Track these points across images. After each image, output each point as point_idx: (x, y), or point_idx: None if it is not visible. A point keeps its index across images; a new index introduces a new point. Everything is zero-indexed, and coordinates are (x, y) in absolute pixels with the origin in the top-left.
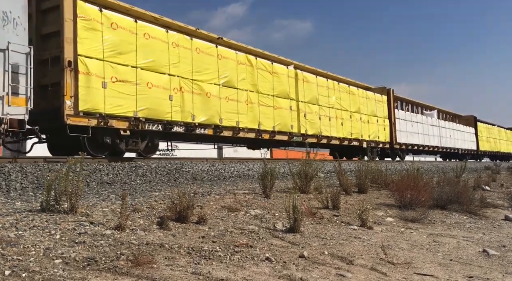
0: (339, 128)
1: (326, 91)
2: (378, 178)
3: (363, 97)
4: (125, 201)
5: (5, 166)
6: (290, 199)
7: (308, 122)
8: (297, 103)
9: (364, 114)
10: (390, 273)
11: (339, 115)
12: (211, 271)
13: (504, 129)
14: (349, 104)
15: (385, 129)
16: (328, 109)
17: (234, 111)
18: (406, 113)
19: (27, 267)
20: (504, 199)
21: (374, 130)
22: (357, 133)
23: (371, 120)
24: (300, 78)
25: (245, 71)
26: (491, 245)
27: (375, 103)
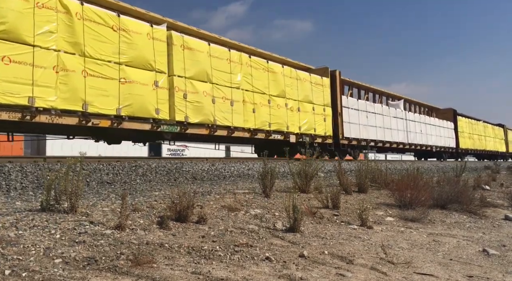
0: (249, 116)
1: (227, 66)
2: (378, 177)
3: (292, 78)
4: (125, 200)
5: (5, 165)
6: (290, 198)
7: (190, 105)
8: (170, 78)
9: (293, 99)
10: (390, 272)
11: (249, 98)
12: (211, 271)
13: (492, 125)
14: (268, 85)
15: (326, 120)
16: (229, 89)
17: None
18: (359, 101)
19: (27, 266)
20: (504, 198)
21: (309, 121)
22: (279, 124)
23: (304, 108)
24: (177, 43)
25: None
26: (491, 244)
27: (310, 87)
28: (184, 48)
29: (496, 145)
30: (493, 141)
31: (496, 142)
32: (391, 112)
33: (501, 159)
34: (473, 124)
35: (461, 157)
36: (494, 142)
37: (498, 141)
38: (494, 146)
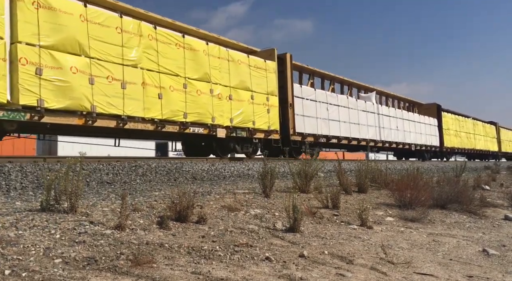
0: (152, 103)
1: (117, 36)
2: (378, 177)
3: (221, 59)
4: (125, 200)
5: (5, 165)
6: (290, 198)
7: (50, 85)
8: (13, 46)
9: (222, 84)
10: (390, 272)
11: (153, 80)
12: (211, 271)
13: (482, 123)
14: (184, 65)
15: (271, 112)
16: (119, 67)
17: None
18: (316, 91)
19: (27, 266)
20: (504, 198)
21: (246, 112)
22: (200, 114)
23: (239, 96)
24: (28, 1)
25: None
26: (491, 244)
27: (249, 71)
28: (39, 6)
29: (487, 144)
30: (484, 140)
31: (488, 140)
32: (359, 105)
33: (493, 159)
34: (461, 121)
35: (446, 156)
36: (485, 141)
37: (489, 140)
38: (485, 145)
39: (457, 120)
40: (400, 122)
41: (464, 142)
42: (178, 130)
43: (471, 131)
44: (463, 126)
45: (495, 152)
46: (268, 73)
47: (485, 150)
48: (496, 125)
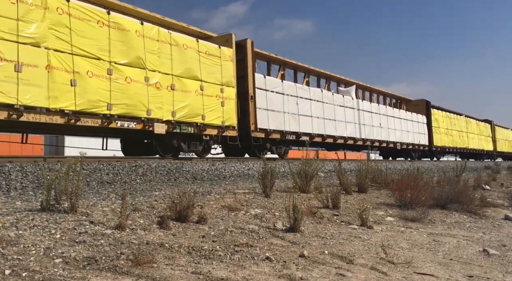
0: (61, 90)
1: (10, 8)
2: (378, 177)
3: (161, 42)
4: (125, 200)
5: (5, 165)
6: (290, 198)
7: None
8: None
9: (161, 72)
10: (390, 272)
11: (63, 64)
12: (211, 271)
13: (476, 121)
14: (108, 47)
15: (226, 105)
16: (12, 45)
17: None
18: (284, 83)
19: (27, 266)
20: (504, 198)
21: (193, 104)
22: (131, 106)
23: (184, 86)
24: None
25: None
26: (491, 244)
27: (198, 58)
28: None
29: (482, 142)
30: (478, 139)
31: (482, 139)
32: (336, 99)
33: (488, 159)
34: (452, 118)
35: (436, 156)
36: (479, 140)
37: (483, 139)
38: (479, 144)
39: (448, 118)
40: (384, 119)
41: (456, 140)
42: (101, 124)
43: (464, 129)
44: (455, 124)
45: (490, 151)
46: (223, 61)
47: (479, 150)
48: (491, 124)
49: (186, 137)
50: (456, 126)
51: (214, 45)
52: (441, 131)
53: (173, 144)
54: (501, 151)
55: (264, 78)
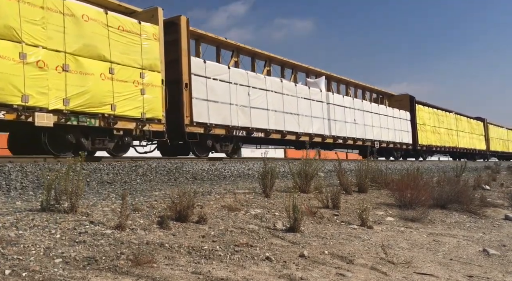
0: None
1: None
2: (378, 177)
3: (46, 9)
4: (125, 200)
5: (5, 165)
6: (290, 198)
7: None
8: None
9: (48, 48)
10: (390, 272)
11: None
12: (211, 271)
13: (467, 118)
14: None
15: (148, 93)
16: None
17: None
18: (231, 70)
19: (27, 266)
20: (504, 198)
21: (97, 91)
22: (2, 90)
23: (84, 67)
24: None
25: None
26: (491, 244)
27: (106, 33)
28: None
29: (473, 141)
30: (469, 137)
31: (474, 138)
32: (300, 91)
33: (481, 159)
34: (440, 115)
35: (422, 155)
36: (470, 138)
37: (475, 137)
38: (470, 143)
39: (435, 114)
40: (360, 115)
41: (444, 139)
42: None
43: (454, 127)
44: (443, 121)
45: (483, 151)
46: (145, 39)
47: (470, 149)
48: (484, 121)
49: (89, 131)
50: (444, 124)
51: (131, 19)
52: (427, 128)
53: (68, 140)
54: (494, 150)
55: (204, 63)
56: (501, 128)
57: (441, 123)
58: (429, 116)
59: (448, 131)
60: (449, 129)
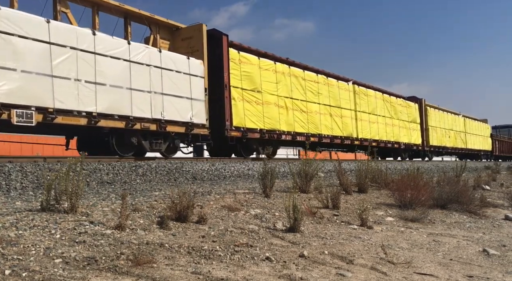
0: None
1: None
2: (378, 177)
3: None
4: (125, 200)
5: (5, 165)
6: (290, 198)
7: None
8: None
9: None
10: (390, 272)
11: None
12: (211, 271)
13: (404, 101)
14: None
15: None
16: None
17: None
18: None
19: (27, 266)
20: (504, 198)
21: None
22: None
23: None
24: None
25: None
26: (491, 244)
27: None
28: None
29: (397, 132)
30: (385, 125)
31: (397, 127)
32: (66, 38)
33: (420, 158)
34: (322, 84)
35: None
36: (389, 127)
37: (402, 125)
38: (393, 135)
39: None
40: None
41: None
42: None
43: (386, 114)
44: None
45: (416, 146)
46: None
47: (392, 141)
48: (421, 102)
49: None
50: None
51: None
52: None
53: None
54: (434, 145)
55: None
56: (446, 113)
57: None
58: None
59: (369, 123)
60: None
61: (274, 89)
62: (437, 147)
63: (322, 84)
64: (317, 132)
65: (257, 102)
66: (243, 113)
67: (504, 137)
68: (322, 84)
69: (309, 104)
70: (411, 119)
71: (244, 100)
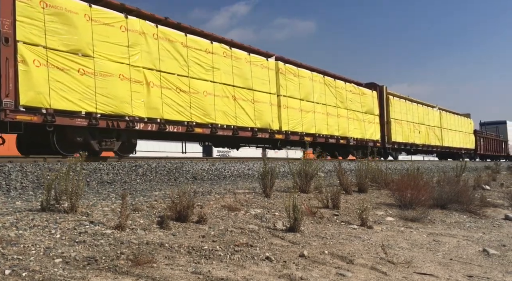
0: None
1: None
2: (378, 177)
3: None
4: (125, 200)
5: (5, 165)
6: (290, 198)
7: None
8: None
9: None
10: (390, 272)
11: None
12: (211, 271)
13: (357, 87)
14: None
15: None
16: None
17: None
18: None
19: (27, 266)
20: (504, 198)
21: None
22: None
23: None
24: None
25: None
26: (491, 244)
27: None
28: None
29: (345, 125)
30: (321, 116)
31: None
32: None
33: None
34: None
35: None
36: (333, 118)
37: (354, 116)
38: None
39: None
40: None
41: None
42: None
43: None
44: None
45: (374, 142)
46: None
47: (337, 136)
48: (382, 90)
49: None
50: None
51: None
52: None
53: None
54: (403, 141)
55: None
56: (422, 105)
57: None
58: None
59: (301, 112)
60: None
61: (122, 55)
62: (403, 144)
63: (220, 56)
64: (207, 121)
65: (82, 71)
66: (45, 85)
67: (491, 134)
68: (221, 56)
69: (195, 82)
70: (366, 110)
71: (51, 66)
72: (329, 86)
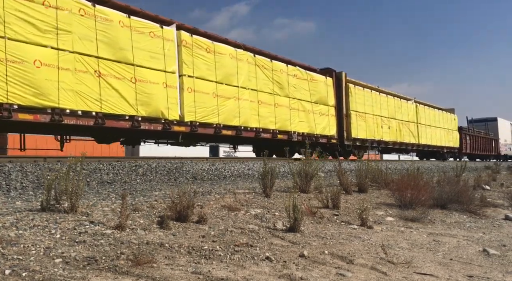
0: None
1: None
2: (379, 177)
3: None
4: (125, 200)
5: (5, 165)
6: (290, 198)
7: None
8: None
9: None
10: (390, 272)
11: None
12: (211, 271)
13: (305, 71)
14: None
15: None
16: None
17: None
18: None
19: (27, 266)
20: (504, 198)
21: None
22: None
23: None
24: None
25: None
26: (491, 244)
27: None
28: None
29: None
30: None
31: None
32: None
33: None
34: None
35: None
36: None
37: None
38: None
39: None
40: None
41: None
42: None
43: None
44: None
45: (328, 138)
46: None
47: (273, 130)
48: (340, 77)
49: None
50: None
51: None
52: None
53: None
54: (367, 138)
55: None
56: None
57: None
58: None
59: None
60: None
61: None
62: (368, 141)
63: (73, 14)
64: (43, 103)
65: None
66: None
67: (479, 132)
68: (75, 14)
69: (17, 45)
70: (317, 99)
71: None
72: (262, 68)
